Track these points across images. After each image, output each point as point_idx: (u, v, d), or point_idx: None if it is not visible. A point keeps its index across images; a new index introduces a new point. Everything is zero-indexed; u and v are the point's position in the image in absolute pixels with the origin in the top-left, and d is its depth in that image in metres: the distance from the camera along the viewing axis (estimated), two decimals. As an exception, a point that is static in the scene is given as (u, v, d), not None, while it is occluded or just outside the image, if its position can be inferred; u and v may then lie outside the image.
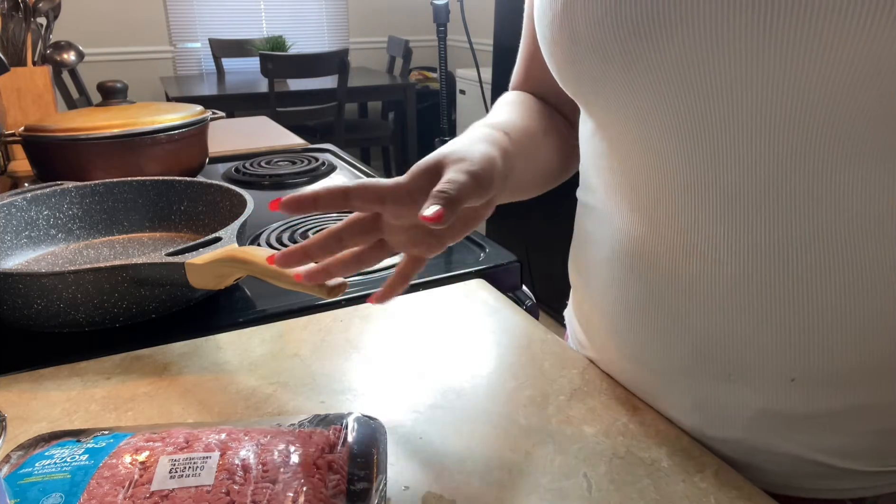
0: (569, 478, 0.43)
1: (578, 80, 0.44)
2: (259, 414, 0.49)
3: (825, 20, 0.31)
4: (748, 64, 0.34)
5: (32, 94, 1.15)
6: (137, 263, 0.57)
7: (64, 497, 0.35)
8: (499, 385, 0.53)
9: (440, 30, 1.97)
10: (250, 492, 0.35)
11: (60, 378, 0.54)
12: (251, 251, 0.56)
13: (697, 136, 0.38)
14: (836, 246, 0.37)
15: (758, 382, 0.43)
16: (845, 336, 0.39)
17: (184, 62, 3.97)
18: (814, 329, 0.40)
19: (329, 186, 0.40)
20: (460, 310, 0.65)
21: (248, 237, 0.80)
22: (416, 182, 0.40)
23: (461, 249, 0.81)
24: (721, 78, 0.36)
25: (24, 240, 0.75)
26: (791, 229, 0.38)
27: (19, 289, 0.56)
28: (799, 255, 0.38)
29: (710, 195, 0.40)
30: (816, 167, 0.36)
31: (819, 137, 0.35)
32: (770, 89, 0.35)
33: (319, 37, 4.26)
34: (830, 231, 0.37)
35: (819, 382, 0.41)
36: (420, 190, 0.40)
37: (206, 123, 1.05)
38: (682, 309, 0.44)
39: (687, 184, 0.41)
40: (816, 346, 0.40)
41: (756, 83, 0.35)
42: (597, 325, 0.55)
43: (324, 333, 0.61)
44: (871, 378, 0.40)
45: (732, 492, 0.42)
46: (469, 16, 1.88)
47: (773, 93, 0.35)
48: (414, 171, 0.41)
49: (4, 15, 1.13)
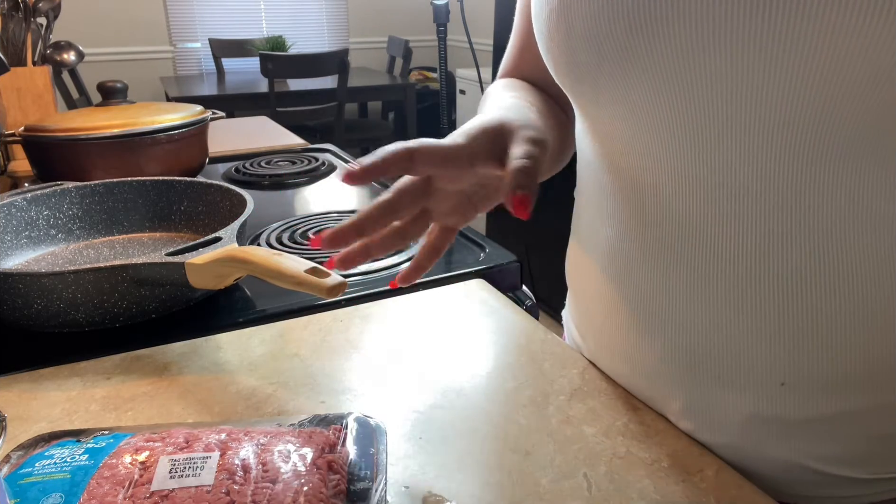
0: (569, 478, 0.43)
1: (574, 75, 0.43)
2: (259, 414, 0.49)
3: (820, 17, 0.31)
4: (743, 60, 0.34)
5: (32, 94, 1.15)
6: (137, 263, 0.57)
7: (64, 497, 0.35)
8: (499, 385, 0.53)
9: (440, 30, 1.97)
10: (250, 492, 0.35)
11: (60, 378, 0.54)
12: (251, 251, 0.56)
13: (690, 134, 0.38)
14: (828, 250, 0.37)
15: (748, 386, 0.42)
16: (835, 341, 0.39)
17: (184, 62, 3.97)
18: (803, 334, 0.39)
19: (393, 148, 0.38)
20: (460, 310, 0.65)
21: (248, 237, 0.80)
22: (477, 145, 0.39)
23: (461, 249, 0.81)
24: (716, 74, 0.35)
25: (24, 240, 0.75)
26: (782, 232, 0.37)
27: (19, 289, 0.56)
28: (789, 258, 0.38)
29: (699, 196, 0.39)
30: (809, 167, 0.35)
31: (813, 136, 0.34)
32: (764, 87, 0.34)
33: (319, 37, 4.26)
34: (822, 235, 0.37)
35: (810, 387, 0.40)
36: (481, 153, 0.39)
37: (206, 123, 1.05)
38: (670, 311, 0.44)
39: (677, 185, 0.40)
40: (806, 350, 0.39)
41: (751, 80, 0.34)
42: (589, 326, 0.55)
43: (324, 333, 0.61)
44: (864, 383, 0.40)
45: (732, 492, 0.42)
46: (469, 16, 1.88)
47: (768, 91, 0.34)
48: (474, 133, 0.40)
49: (4, 15, 1.13)
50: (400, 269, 0.75)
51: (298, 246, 0.81)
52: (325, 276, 0.52)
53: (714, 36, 0.34)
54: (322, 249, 0.40)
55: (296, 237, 0.84)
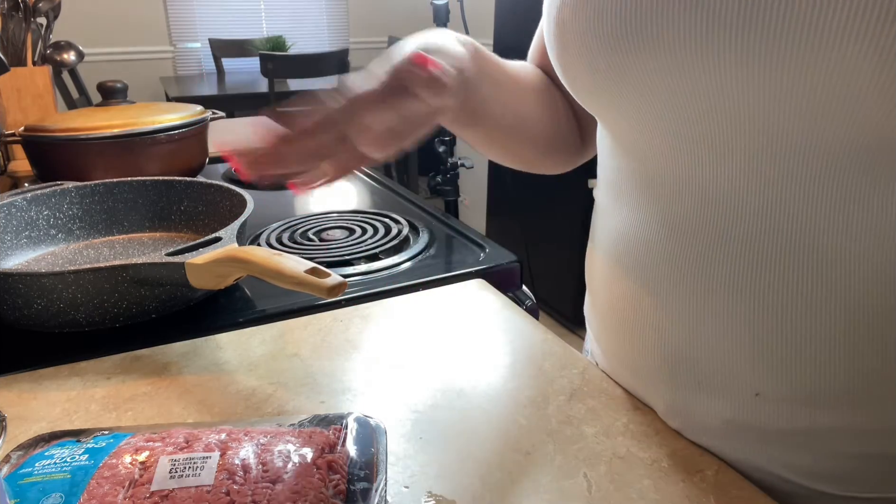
0: (569, 478, 0.43)
1: (573, 88, 0.46)
2: (259, 414, 0.49)
3: (795, 41, 0.31)
4: (722, 78, 0.35)
5: (32, 94, 1.15)
6: (137, 263, 0.57)
7: (64, 497, 0.35)
8: (499, 385, 0.53)
9: (440, 30, 1.97)
10: (250, 492, 0.35)
11: (60, 378, 0.54)
12: (251, 251, 0.56)
13: (677, 145, 0.39)
14: (803, 268, 0.37)
15: (725, 393, 0.43)
16: (807, 358, 0.39)
17: (184, 62, 3.96)
18: (775, 348, 0.39)
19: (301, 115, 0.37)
20: (460, 310, 0.65)
21: (248, 237, 0.80)
22: (390, 88, 0.39)
23: (461, 249, 0.81)
24: (701, 94, 0.36)
25: (24, 240, 0.75)
26: (760, 244, 0.38)
27: (19, 289, 0.56)
28: (764, 273, 0.38)
29: (686, 206, 0.41)
30: (792, 182, 0.36)
31: (794, 152, 0.35)
32: (746, 105, 0.35)
33: (319, 37, 4.26)
34: (797, 251, 0.37)
35: (782, 400, 0.40)
36: (394, 91, 0.38)
37: (205, 123, 1.05)
38: (655, 313, 0.45)
39: (668, 193, 0.42)
40: (776, 365, 0.40)
41: (732, 97, 0.35)
42: (594, 323, 0.55)
43: (324, 333, 0.61)
44: (837, 402, 0.39)
45: (732, 492, 0.42)
46: (469, 16, 1.88)
47: (749, 108, 0.35)
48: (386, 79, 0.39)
49: (4, 15, 1.13)
50: (399, 268, 0.75)
51: (298, 246, 0.81)
52: (325, 276, 0.52)
53: (693, 56, 0.35)
54: (238, 171, 0.39)
55: (296, 237, 0.84)
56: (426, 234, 0.84)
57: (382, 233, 0.84)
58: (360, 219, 0.89)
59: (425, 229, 0.86)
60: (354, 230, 0.85)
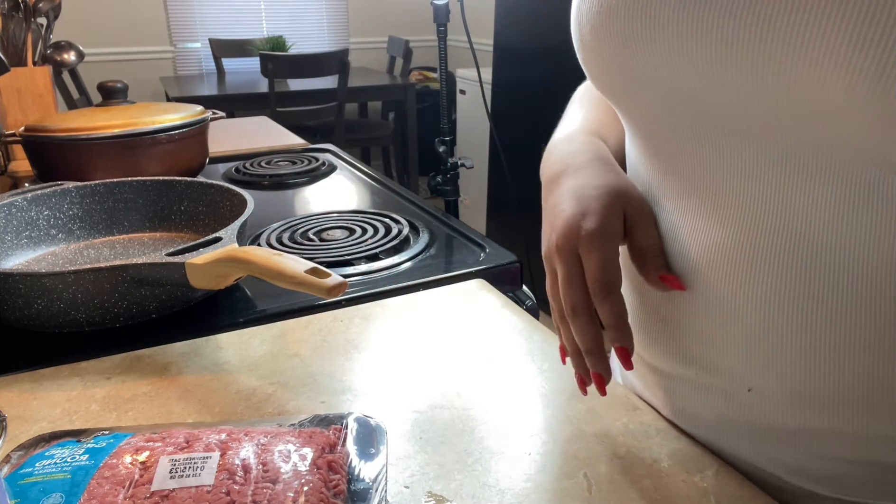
0: (569, 478, 0.43)
1: (594, 82, 0.47)
2: (259, 414, 0.49)
3: (771, 51, 0.32)
4: (718, 78, 0.35)
5: (32, 94, 1.15)
6: (138, 263, 0.57)
7: (64, 497, 0.35)
8: (499, 385, 0.53)
9: (440, 30, 1.96)
10: (250, 492, 0.35)
11: (60, 378, 0.54)
12: (251, 251, 0.56)
13: (682, 142, 0.40)
14: (800, 266, 0.37)
15: (719, 386, 0.43)
16: (795, 355, 0.39)
17: (184, 62, 3.96)
18: (765, 344, 0.40)
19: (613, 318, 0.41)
20: (460, 310, 0.65)
21: (248, 237, 0.80)
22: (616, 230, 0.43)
23: (461, 249, 0.81)
24: (702, 95, 0.37)
25: (24, 240, 0.75)
26: (758, 243, 0.38)
27: (20, 289, 0.56)
28: (758, 269, 0.38)
29: (686, 202, 0.41)
30: (783, 185, 0.36)
31: (790, 157, 0.35)
32: (739, 105, 0.35)
33: (319, 37, 4.26)
34: (796, 251, 0.37)
35: (772, 398, 0.41)
36: (619, 237, 0.43)
37: (206, 123, 1.05)
38: (655, 311, 0.46)
39: (673, 187, 0.42)
40: (769, 364, 0.40)
41: (729, 96, 0.35)
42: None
43: (324, 333, 0.61)
44: (825, 405, 0.39)
45: (732, 492, 0.42)
46: (469, 16, 1.88)
47: (743, 108, 0.35)
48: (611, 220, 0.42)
49: (4, 15, 1.13)
50: (400, 268, 0.75)
51: (298, 246, 0.81)
52: (325, 276, 0.52)
53: (691, 56, 0.36)
54: None
55: (296, 237, 0.84)
56: (426, 235, 0.84)
57: (383, 233, 0.84)
58: (360, 219, 0.89)
59: (425, 229, 0.86)
60: (355, 230, 0.85)
